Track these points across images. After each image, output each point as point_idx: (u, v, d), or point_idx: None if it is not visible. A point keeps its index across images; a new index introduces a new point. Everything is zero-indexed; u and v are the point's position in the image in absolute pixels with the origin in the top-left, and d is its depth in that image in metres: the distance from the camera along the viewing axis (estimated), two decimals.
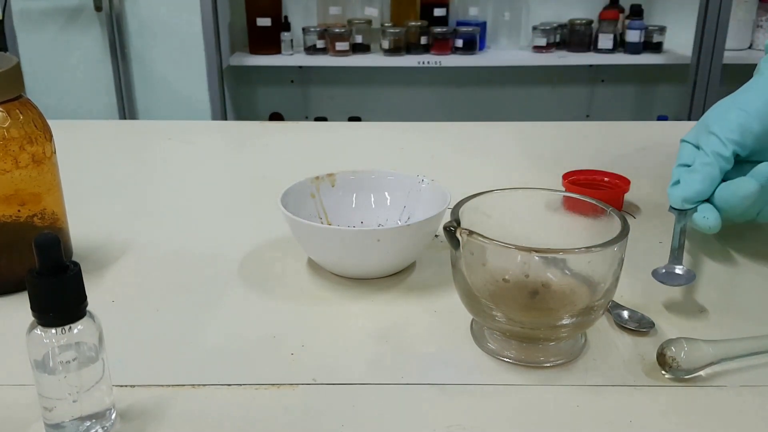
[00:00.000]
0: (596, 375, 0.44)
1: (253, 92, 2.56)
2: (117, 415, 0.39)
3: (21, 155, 0.51)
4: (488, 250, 0.43)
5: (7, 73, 0.50)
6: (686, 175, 0.57)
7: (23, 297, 0.35)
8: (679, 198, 0.56)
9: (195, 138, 0.97)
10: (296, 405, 0.42)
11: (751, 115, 0.57)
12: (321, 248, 0.55)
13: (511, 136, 0.97)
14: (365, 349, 0.47)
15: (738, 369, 0.44)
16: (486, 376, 0.44)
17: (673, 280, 0.48)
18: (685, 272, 0.49)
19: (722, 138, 0.57)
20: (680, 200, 0.56)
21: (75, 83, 2.31)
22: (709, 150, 0.57)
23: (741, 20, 2.23)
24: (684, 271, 0.49)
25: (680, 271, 0.49)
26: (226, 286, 0.55)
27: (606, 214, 0.46)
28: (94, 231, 0.65)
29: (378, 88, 2.55)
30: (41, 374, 0.36)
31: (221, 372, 0.44)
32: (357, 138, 0.98)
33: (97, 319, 0.37)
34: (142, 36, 2.27)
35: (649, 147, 0.89)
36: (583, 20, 2.32)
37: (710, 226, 0.55)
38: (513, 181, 0.78)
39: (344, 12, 2.37)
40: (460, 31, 2.30)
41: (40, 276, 0.34)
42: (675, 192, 0.57)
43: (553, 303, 0.46)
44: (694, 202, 0.56)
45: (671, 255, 0.52)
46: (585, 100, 2.57)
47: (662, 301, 0.52)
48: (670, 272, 0.49)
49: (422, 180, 0.61)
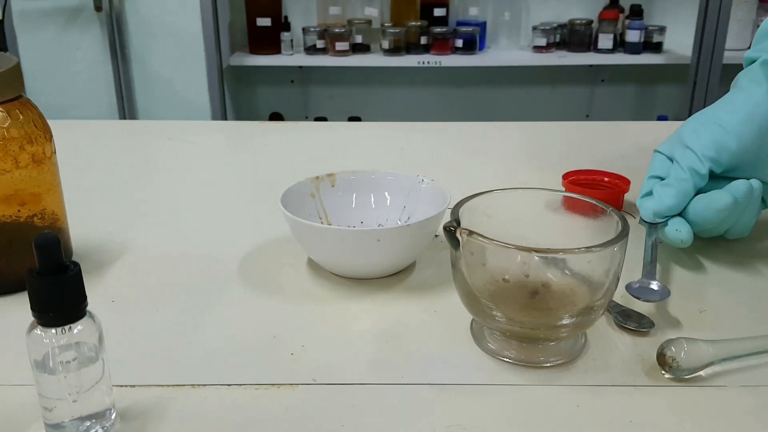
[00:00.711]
0: (596, 375, 0.44)
1: (253, 92, 2.56)
2: (117, 415, 0.39)
3: (21, 155, 0.51)
4: (488, 250, 0.43)
5: (7, 73, 0.50)
6: (660, 188, 0.57)
7: (23, 297, 0.35)
8: (651, 211, 0.56)
9: (195, 138, 0.97)
10: (296, 405, 0.42)
11: (728, 133, 0.56)
12: (321, 248, 0.55)
13: (511, 136, 0.97)
14: (365, 349, 0.47)
15: (738, 369, 0.44)
16: (486, 376, 0.44)
17: (648, 295, 0.48)
18: (660, 288, 0.49)
19: (699, 154, 0.56)
20: (651, 213, 0.56)
21: (75, 83, 2.31)
22: (686, 165, 0.56)
23: (741, 20, 2.23)
24: (659, 287, 0.49)
25: (655, 287, 0.49)
26: (226, 286, 0.55)
27: (606, 214, 0.46)
28: (94, 231, 0.65)
29: (378, 88, 2.55)
30: (41, 374, 0.36)
31: (221, 372, 0.44)
32: (357, 138, 0.98)
33: (97, 319, 0.37)
34: (142, 36, 2.26)
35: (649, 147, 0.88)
36: (583, 20, 2.32)
37: (682, 239, 0.55)
38: (513, 181, 0.78)
39: (344, 12, 2.37)
40: (460, 31, 2.30)
41: (40, 276, 0.34)
42: (647, 205, 0.57)
43: (553, 303, 0.46)
44: (664, 216, 0.56)
45: (644, 269, 0.51)
46: (585, 100, 2.57)
47: (662, 301, 0.52)
48: (645, 287, 0.49)
49: (422, 180, 0.61)
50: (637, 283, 0.50)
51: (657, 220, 0.56)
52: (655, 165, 0.61)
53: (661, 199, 0.56)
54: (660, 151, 0.62)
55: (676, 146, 0.59)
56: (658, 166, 0.61)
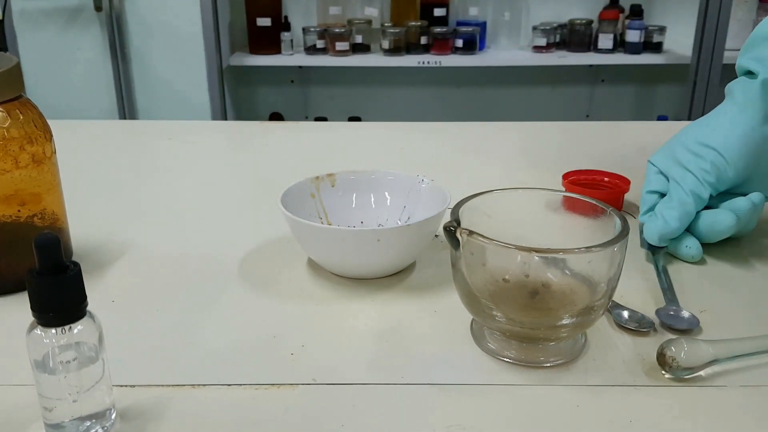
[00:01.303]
0: (596, 375, 0.44)
1: (253, 92, 2.56)
2: (117, 415, 0.39)
3: (21, 155, 0.51)
4: (488, 250, 0.43)
5: (7, 73, 0.50)
6: (664, 211, 0.58)
7: (23, 297, 0.35)
8: (657, 235, 0.58)
9: (195, 138, 0.97)
10: (296, 405, 0.42)
11: (725, 161, 0.58)
12: (321, 248, 0.55)
13: (511, 136, 0.97)
14: (365, 349, 0.47)
15: (738, 369, 0.44)
16: (486, 376, 0.44)
17: (678, 323, 0.49)
18: (689, 317, 0.49)
19: (700, 179, 0.58)
20: (657, 237, 0.58)
21: (75, 83, 2.31)
22: (688, 189, 0.58)
23: (741, 20, 2.23)
24: (689, 315, 0.49)
25: (685, 315, 0.49)
26: (226, 286, 0.55)
27: (606, 214, 0.46)
28: (94, 231, 0.65)
29: (378, 88, 2.55)
30: (41, 374, 0.36)
31: (221, 372, 0.44)
32: (357, 138, 0.98)
33: (97, 319, 0.37)
34: (142, 36, 2.26)
35: (649, 147, 0.88)
36: (583, 20, 2.32)
37: (693, 255, 0.57)
38: (513, 181, 0.78)
39: (344, 12, 2.37)
40: (460, 31, 2.30)
41: (40, 276, 0.34)
42: (652, 228, 0.58)
43: (553, 303, 0.46)
44: (668, 240, 0.58)
45: (665, 296, 0.52)
46: (585, 100, 2.57)
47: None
48: (675, 315, 0.49)
49: (422, 180, 0.61)
50: (668, 310, 0.50)
51: (662, 243, 0.58)
52: (651, 179, 0.63)
53: (666, 223, 0.57)
54: (653, 163, 0.63)
55: (672, 165, 0.61)
56: (654, 180, 0.62)
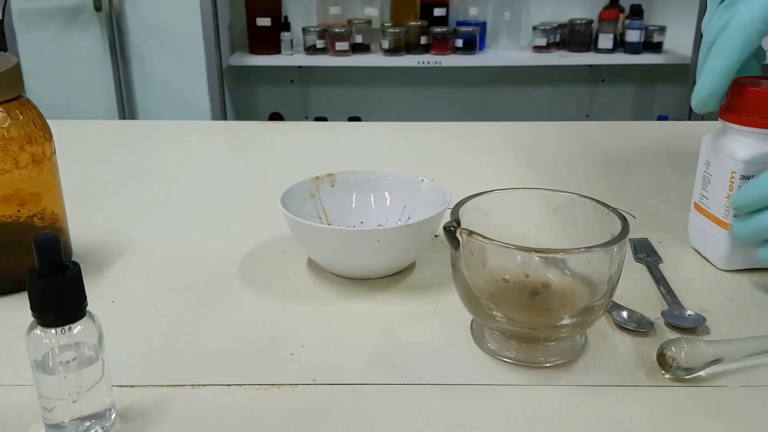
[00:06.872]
0: (596, 375, 0.44)
1: (253, 92, 2.56)
2: (117, 415, 0.39)
3: (21, 155, 0.51)
4: (488, 250, 0.43)
5: (7, 73, 0.50)
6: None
7: (23, 297, 0.35)
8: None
9: (195, 138, 0.97)
10: (296, 405, 0.42)
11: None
12: (321, 248, 0.55)
13: (512, 136, 0.97)
14: (365, 349, 0.47)
15: (738, 369, 0.44)
16: (486, 376, 0.44)
17: (683, 321, 0.49)
18: (694, 314, 0.49)
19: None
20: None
21: (75, 83, 2.31)
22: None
23: None
24: (693, 314, 0.49)
25: (690, 313, 0.49)
26: (226, 286, 0.55)
27: (606, 214, 0.46)
28: (94, 231, 0.65)
29: (378, 88, 2.55)
30: (41, 374, 0.36)
31: (221, 372, 0.44)
32: (357, 138, 0.98)
33: (97, 319, 0.37)
34: (142, 36, 2.27)
35: (649, 147, 0.89)
36: (583, 20, 2.32)
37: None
38: (513, 181, 0.78)
39: (344, 12, 2.37)
40: (460, 31, 2.30)
41: (40, 276, 0.34)
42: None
43: (553, 303, 0.46)
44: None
45: (666, 300, 0.52)
46: (585, 100, 2.57)
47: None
48: (680, 315, 0.49)
49: (422, 180, 0.61)
50: (672, 311, 0.50)
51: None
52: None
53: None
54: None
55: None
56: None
